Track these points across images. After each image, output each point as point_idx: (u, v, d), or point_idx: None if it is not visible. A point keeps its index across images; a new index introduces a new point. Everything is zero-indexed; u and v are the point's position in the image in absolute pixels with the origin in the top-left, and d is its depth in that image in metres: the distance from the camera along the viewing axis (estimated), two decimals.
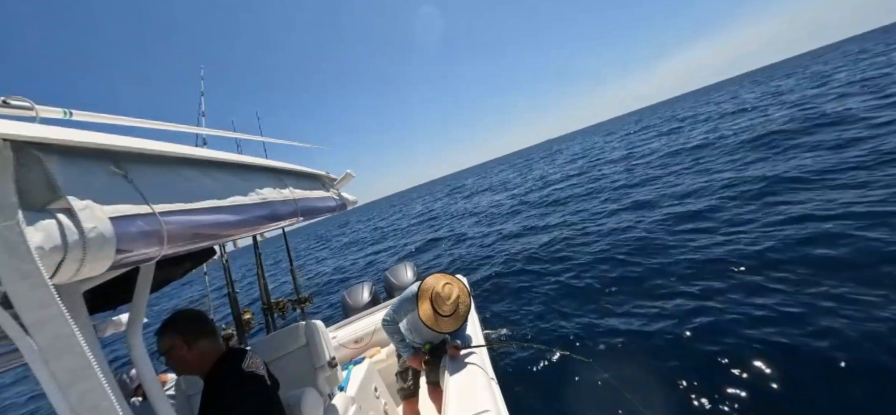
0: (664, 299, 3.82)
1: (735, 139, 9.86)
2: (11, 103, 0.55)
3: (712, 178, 7.36)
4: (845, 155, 5.91)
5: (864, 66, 15.61)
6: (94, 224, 0.51)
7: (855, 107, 8.49)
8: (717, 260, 4.15)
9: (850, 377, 2.32)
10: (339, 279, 10.78)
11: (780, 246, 3.95)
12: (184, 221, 0.72)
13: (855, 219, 3.90)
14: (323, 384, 2.07)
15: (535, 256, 6.65)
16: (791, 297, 3.15)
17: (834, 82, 13.76)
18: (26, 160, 0.48)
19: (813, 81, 16.40)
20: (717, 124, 14.06)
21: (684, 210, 6.19)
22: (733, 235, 4.60)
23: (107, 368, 0.74)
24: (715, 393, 2.55)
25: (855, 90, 10.66)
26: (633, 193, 8.72)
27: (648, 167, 11.05)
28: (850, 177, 5.03)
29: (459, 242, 10.44)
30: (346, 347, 3.33)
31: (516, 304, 5.07)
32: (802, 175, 5.70)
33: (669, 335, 3.25)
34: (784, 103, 12.65)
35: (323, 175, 1.83)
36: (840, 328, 2.64)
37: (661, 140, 15.84)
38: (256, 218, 1.02)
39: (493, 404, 1.70)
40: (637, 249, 5.38)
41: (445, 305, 2.05)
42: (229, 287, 2.77)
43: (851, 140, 6.43)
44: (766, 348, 2.72)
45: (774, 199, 5.26)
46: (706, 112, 20.79)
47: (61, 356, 0.45)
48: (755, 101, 16.78)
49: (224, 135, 1.56)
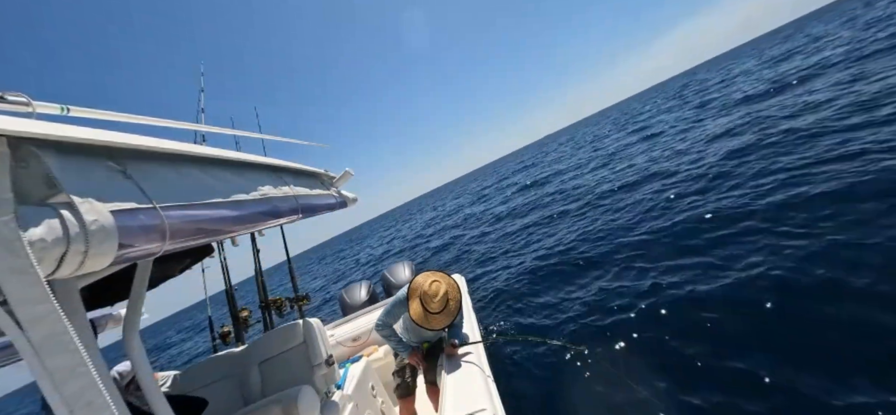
0: (658, 276, 3.89)
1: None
2: (8, 99, 0.55)
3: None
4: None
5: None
6: (96, 217, 0.50)
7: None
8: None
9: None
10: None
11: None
12: (185, 215, 0.71)
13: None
14: (320, 382, 2.08)
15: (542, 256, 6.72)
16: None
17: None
18: (23, 156, 0.48)
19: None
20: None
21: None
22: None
23: (102, 364, 0.74)
24: (715, 373, 2.55)
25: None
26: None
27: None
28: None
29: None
30: (343, 345, 3.33)
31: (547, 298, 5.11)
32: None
33: (664, 315, 3.30)
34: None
35: (322, 173, 1.83)
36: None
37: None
38: (256, 215, 1.02)
39: (489, 402, 1.70)
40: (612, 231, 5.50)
41: (433, 302, 2.08)
42: (227, 285, 2.77)
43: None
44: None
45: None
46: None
47: (56, 353, 0.44)
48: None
49: (223, 132, 1.56)
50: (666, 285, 3.68)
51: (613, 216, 6.44)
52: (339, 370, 2.35)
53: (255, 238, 3.02)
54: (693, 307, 3.20)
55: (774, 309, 2.81)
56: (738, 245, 3.76)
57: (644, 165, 9.01)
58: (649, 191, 6.86)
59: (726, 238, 4.01)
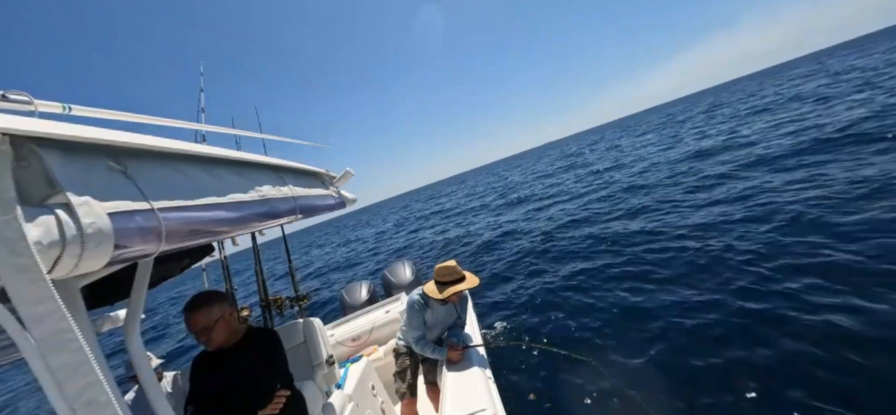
0: (667, 292, 3.86)
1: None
2: (10, 97, 0.55)
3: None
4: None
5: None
6: (93, 220, 0.51)
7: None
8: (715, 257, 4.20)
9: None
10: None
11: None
12: (182, 217, 0.71)
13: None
14: (320, 382, 2.08)
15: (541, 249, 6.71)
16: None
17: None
18: (25, 155, 0.48)
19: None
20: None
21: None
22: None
23: (104, 363, 0.74)
24: (720, 391, 2.55)
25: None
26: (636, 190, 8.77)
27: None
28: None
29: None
30: (343, 345, 3.33)
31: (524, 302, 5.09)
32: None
33: (675, 332, 3.28)
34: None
35: (322, 173, 1.83)
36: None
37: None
38: (255, 215, 1.02)
39: (490, 403, 1.70)
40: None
41: (445, 271, 2.27)
42: (227, 284, 2.77)
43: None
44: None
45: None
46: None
47: (58, 352, 0.45)
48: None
49: (223, 131, 1.55)
50: (677, 299, 3.68)
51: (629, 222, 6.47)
52: (339, 370, 2.35)
53: (256, 237, 3.02)
54: (697, 319, 3.21)
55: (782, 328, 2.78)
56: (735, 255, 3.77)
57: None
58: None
59: (727, 237, 4.03)
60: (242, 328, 1.59)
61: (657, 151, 13.95)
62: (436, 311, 2.34)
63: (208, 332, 1.40)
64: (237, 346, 1.52)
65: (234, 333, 1.54)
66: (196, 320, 1.39)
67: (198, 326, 1.39)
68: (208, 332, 1.40)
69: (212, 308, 1.43)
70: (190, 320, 1.39)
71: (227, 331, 1.48)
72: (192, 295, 1.45)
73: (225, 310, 1.47)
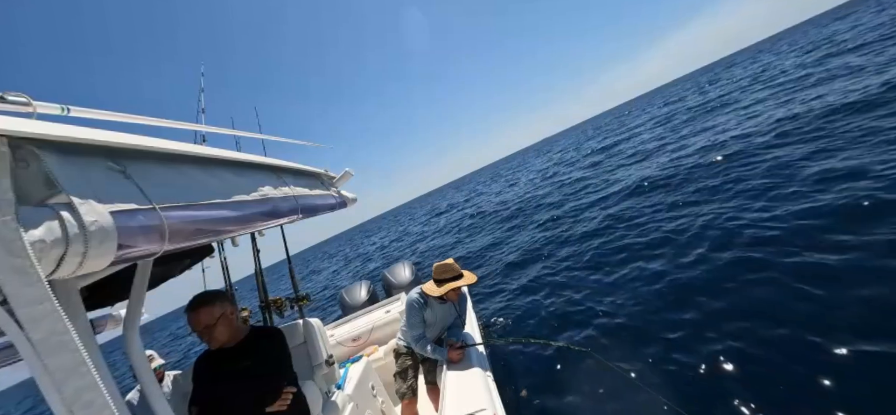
0: (658, 285, 3.84)
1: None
2: (8, 99, 0.55)
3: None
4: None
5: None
6: (95, 218, 0.50)
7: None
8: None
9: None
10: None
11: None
12: (185, 216, 0.71)
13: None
14: (321, 382, 2.07)
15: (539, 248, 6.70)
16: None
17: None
18: (23, 156, 0.48)
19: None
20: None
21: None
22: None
23: (102, 364, 0.74)
24: (718, 375, 2.54)
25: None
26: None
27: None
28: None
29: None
30: (343, 345, 3.32)
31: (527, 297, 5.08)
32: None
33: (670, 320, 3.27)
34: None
35: (322, 173, 1.83)
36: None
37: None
38: (256, 215, 1.02)
39: (489, 402, 1.70)
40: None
41: (445, 270, 2.29)
42: (227, 285, 2.77)
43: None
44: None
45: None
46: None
47: (56, 353, 0.44)
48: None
49: (223, 132, 1.55)
50: (677, 288, 3.65)
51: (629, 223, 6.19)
52: (339, 370, 2.35)
53: (256, 238, 3.02)
54: (700, 313, 3.16)
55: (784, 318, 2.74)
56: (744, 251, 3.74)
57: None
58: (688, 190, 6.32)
59: (726, 235, 4.02)
60: (245, 329, 1.61)
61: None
62: (435, 309, 2.35)
63: (210, 330, 1.43)
64: (240, 345, 1.55)
65: (237, 332, 1.56)
66: (198, 318, 1.42)
67: (200, 324, 1.42)
68: (210, 330, 1.43)
69: (213, 306, 1.46)
70: (192, 318, 1.42)
71: (229, 329, 1.50)
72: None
73: (226, 308, 1.50)
